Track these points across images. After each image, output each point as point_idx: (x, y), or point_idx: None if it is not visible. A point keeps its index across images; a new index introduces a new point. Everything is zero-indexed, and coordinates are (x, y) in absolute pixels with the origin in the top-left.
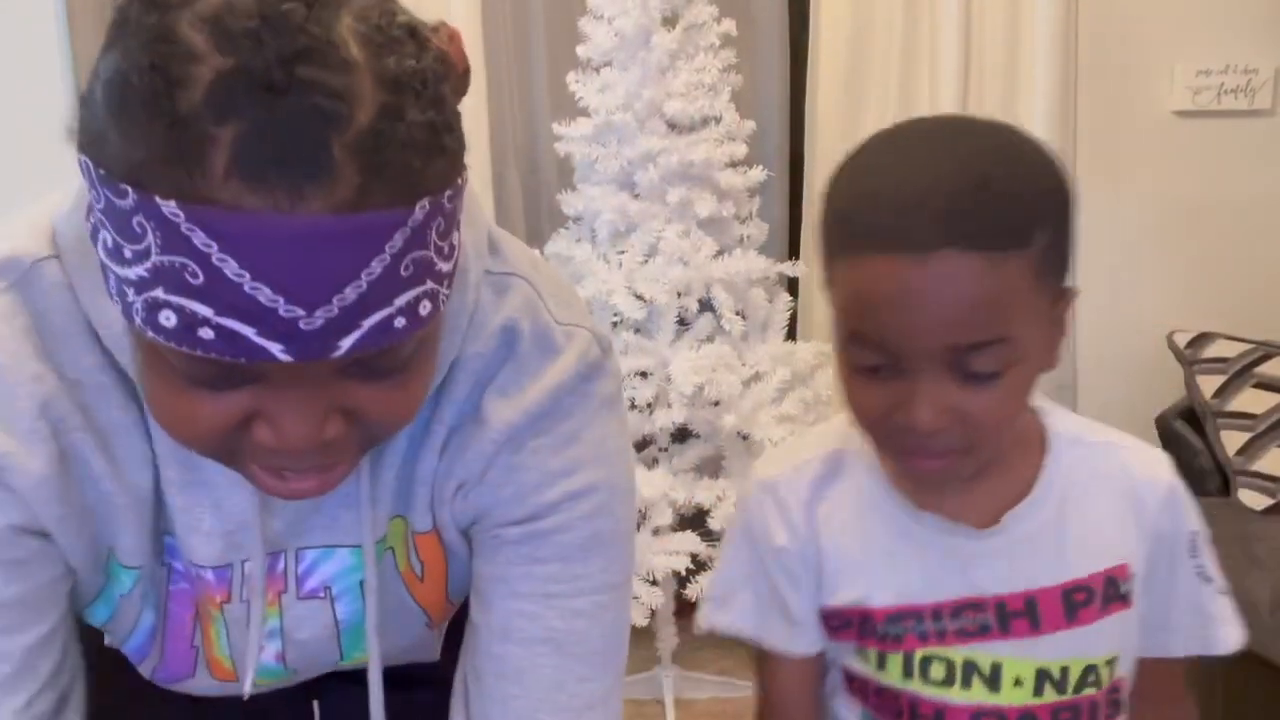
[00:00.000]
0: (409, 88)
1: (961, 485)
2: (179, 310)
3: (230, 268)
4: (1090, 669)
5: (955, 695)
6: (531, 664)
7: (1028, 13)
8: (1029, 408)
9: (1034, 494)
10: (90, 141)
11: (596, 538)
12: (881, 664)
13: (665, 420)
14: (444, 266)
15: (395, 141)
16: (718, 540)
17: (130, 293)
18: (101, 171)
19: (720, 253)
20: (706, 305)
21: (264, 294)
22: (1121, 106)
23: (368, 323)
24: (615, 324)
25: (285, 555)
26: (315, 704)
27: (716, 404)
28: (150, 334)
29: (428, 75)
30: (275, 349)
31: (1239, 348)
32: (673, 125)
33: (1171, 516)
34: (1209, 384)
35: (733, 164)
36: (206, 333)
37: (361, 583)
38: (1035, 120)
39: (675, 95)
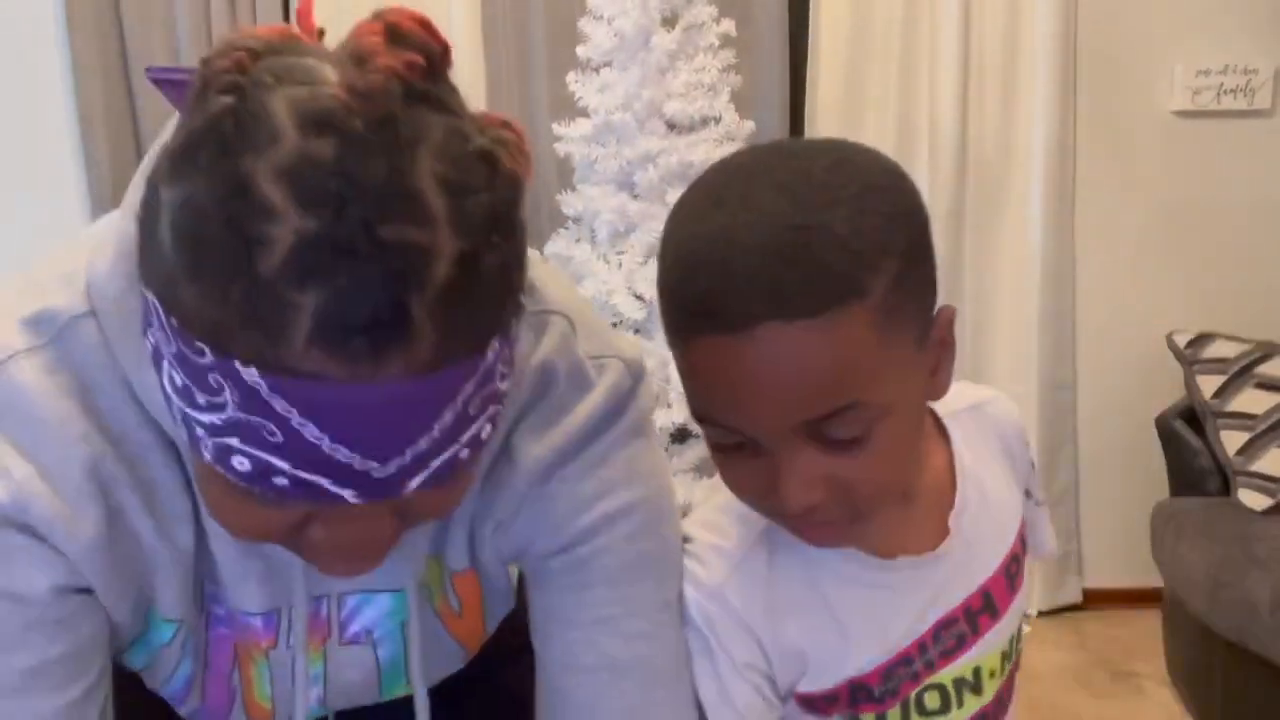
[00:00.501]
0: (486, 229)
1: (900, 515)
2: (254, 459)
3: (310, 431)
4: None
5: (951, 716)
6: (596, 693)
7: (1028, 13)
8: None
9: (959, 487)
10: (157, 280)
11: (642, 558)
12: None
13: (665, 420)
14: (505, 385)
15: (472, 294)
16: None
17: (200, 431)
18: (174, 322)
19: None
20: None
21: (342, 453)
22: (1121, 106)
23: (435, 463)
24: (615, 324)
25: (327, 601)
26: None
27: None
28: (220, 469)
29: (502, 208)
30: (347, 494)
31: (1239, 348)
32: (672, 125)
33: (1024, 453)
34: (1209, 384)
35: None
36: (281, 480)
37: (403, 624)
38: (1035, 120)
39: (675, 95)
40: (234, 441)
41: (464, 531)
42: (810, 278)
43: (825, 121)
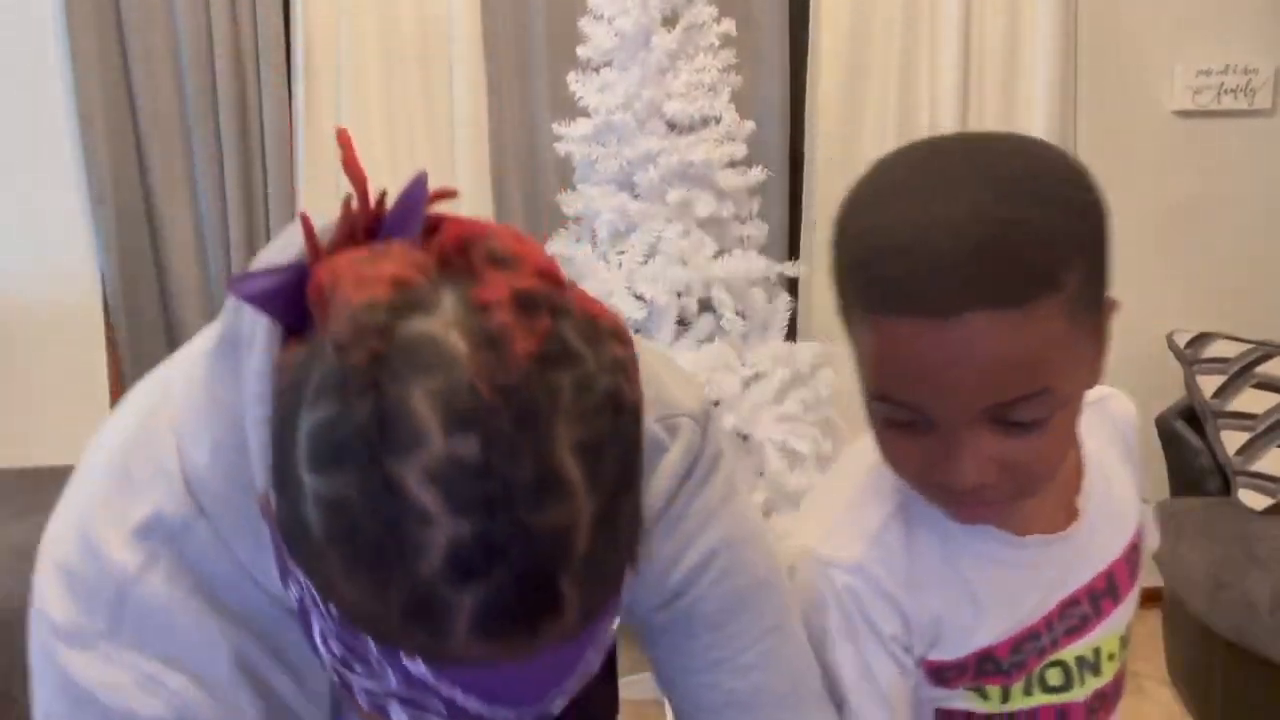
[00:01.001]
0: (617, 481)
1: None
2: (413, 715)
3: (472, 703)
4: None
5: (1073, 694)
6: None
7: (1028, 13)
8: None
9: (1085, 472)
10: (309, 565)
11: (736, 595)
12: (1006, 697)
13: None
14: (630, 577)
15: (612, 548)
16: None
17: (358, 689)
18: (333, 610)
19: (720, 253)
20: (706, 305)
21: (500, 712)
22: (1121, 106)
23: (569, 685)
24: None
25: None
26: None
27: (716, 404)
28: (376, 714)
29: (630, 452)
30: None
31: (1239, 348)
32: (673, 125)
33: (1138, 448)
34: (1209, 384)
35: (732, 164)
36: None
37: None
38: (1035, 121)
39: (675, 95)
40: (393, 704)
41: None
42: (1015, 270)
43: (825, 121)
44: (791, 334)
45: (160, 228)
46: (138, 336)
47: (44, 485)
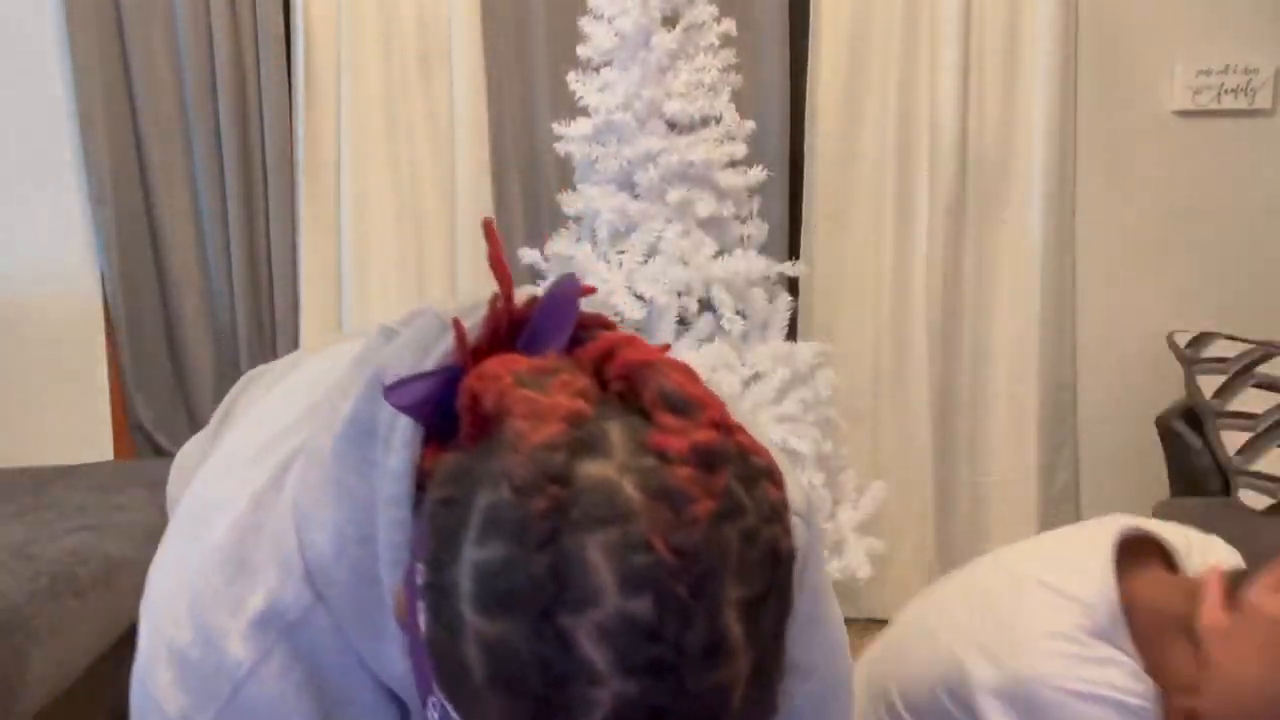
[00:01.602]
0: (774, 633)
1: None
2: None
3: None
4: None
5: None
6: None
7: (1028, 12)
8: None
9: None
10: (463, 698)
11: (822, 700)
12: None
13: None
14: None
15: (763, 701)
16: None
17: None
18: None
19: (720, 253)
20: (706, 305)
21: None
22: (1121, 106)
23: None
24: (616, 322)
25: None
26: None
27: None
28: None
29: (786, 604)
30: None
31: (1239, 348)
32: (673, 125)
33: None
34: (1209, 384)
35: (733, 164)
36: None
37: None
38: (1035, 120)
39: (675, 95)
40: None
41: None
42: None
43: (825, 121)
44: (792, 334)
45: (160, 228)
46: (138, 336)
47: (44, 485)
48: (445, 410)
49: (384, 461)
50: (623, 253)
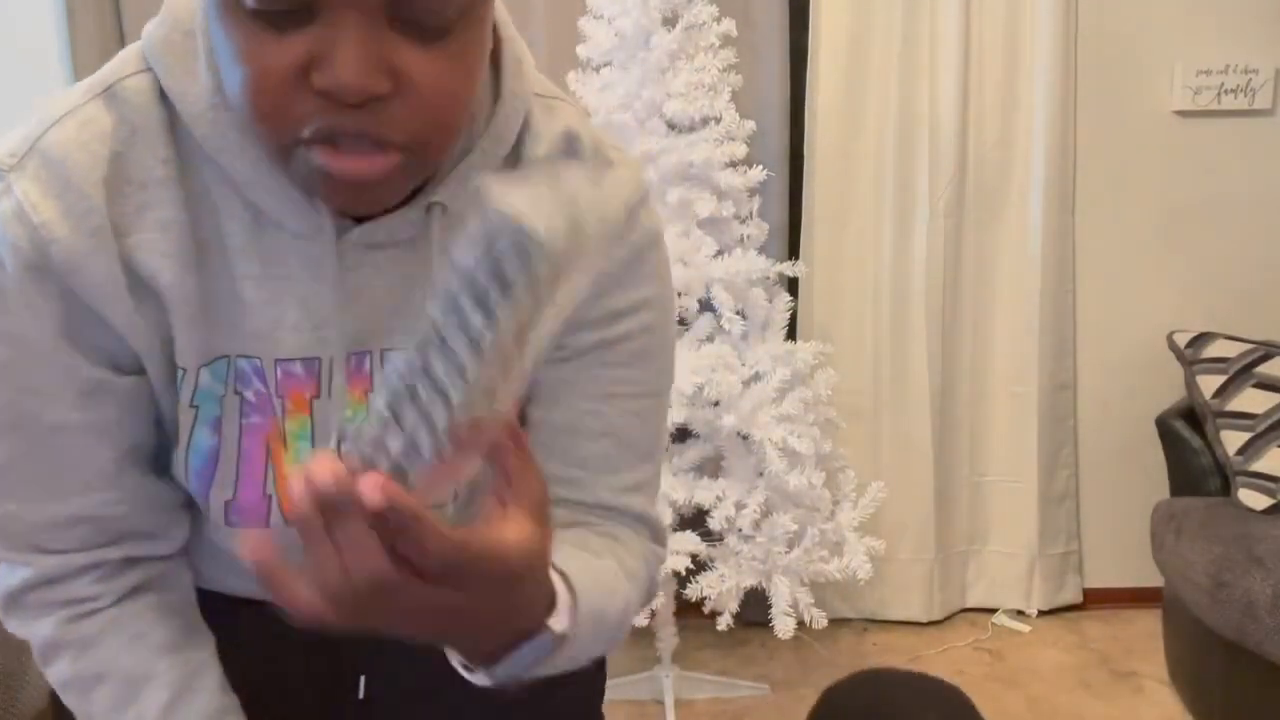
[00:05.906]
0: None
1: None
2: None
3: None
4: None
5: None
6: (592, 453)
7: (1028, 13)
8: None
9: None
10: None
11: (649, 346)
12: None
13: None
14: None
15: None
16: (717, 540)
17: None
18: None
19: (720, 253)
20: (706, 305)
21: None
22: (1121, 106)
23: None
24: None
25: (370, 356)
26: (361, 678)
27: (716, 404)
28: None
29: None
30: None
31: (1239, 348)
32: (672, 125)
33: None
34: (1209, 384)
35: (733, 164)
36: None
37: None
38: (1035, 120)
39: (675, 95)
40: None
41: None
42: None
43: (825, 121)
44: (791, 334)
45: None
46: None
47: None
48: None
49: None
50: None
